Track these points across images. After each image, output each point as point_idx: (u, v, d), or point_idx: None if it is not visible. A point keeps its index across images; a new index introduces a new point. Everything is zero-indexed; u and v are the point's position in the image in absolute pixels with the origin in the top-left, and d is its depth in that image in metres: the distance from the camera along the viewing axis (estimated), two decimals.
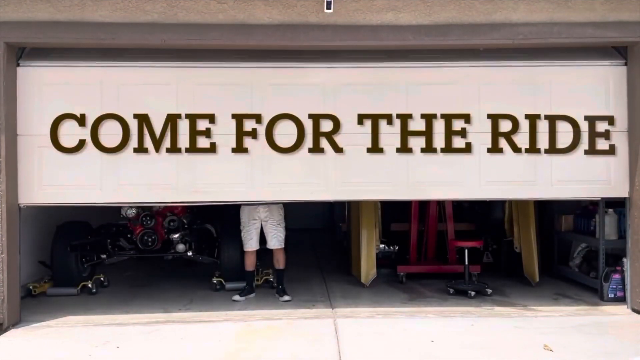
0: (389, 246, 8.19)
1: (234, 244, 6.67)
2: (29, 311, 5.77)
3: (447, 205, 7.43)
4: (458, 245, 6.93)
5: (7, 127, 5.28)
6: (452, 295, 6.52)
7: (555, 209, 7.59)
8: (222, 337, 4.99)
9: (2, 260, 5.21)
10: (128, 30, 5.35)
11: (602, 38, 5.60)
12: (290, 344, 4.79)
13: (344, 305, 6.07)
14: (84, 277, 6.77)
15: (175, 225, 6.75)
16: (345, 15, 5.39)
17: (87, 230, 6.98)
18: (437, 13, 5.43)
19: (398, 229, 7.89)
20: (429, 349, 4.66)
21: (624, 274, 5.99)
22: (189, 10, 5.32)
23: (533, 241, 6.88)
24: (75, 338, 5.02)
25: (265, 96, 5.66)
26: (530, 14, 5.47)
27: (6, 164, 5.26)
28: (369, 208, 7.03)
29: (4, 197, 5.22)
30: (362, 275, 6.90)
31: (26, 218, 6.07)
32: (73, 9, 5.26)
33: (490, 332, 5.13)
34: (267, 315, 5.70)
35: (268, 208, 6.40)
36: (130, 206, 6.83)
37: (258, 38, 5.44)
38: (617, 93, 5.76)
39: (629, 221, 5.83)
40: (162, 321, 5.53)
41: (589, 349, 4.63)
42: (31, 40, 5.42)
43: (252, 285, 6.56)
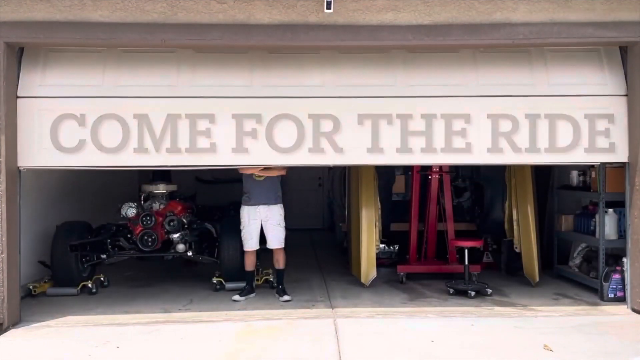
0: (389, 246, 8.20)
1: (234, 244, 6.66)
2: (29, 311, 5.77)
3: (447, 205, 7.44)
4: (458, 245, 6.93)
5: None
6: (452, 295, 6.52)
7: (555, 209, 7.60)
8: (222, 337, 4.99)
9: (2, 260, 5.21)
10: (128, 30, 5.35)
11: (602, 38, 5.59)
12: (290, 344, 4.79)
13: (344, 305, 6.07)
14: (84, 277, 6.76)
15: (175, 225, 6.75)
16: (345, 15, 5.39)
17: (87, 230, 6.98)
18: (437, 13, 5.43)
19: (398, 228, 7.89)
20: (429, 349, 4.66)
21: (624, 274, 5.99)
22: (189, 10, 5.31)
23: (533, 241, 6.88)
24: (75, 338, 5.02)
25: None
26: (530, 14, 5.47)
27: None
28: (368, 185, 7.01)
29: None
30: (362, 275, 6.90)
31: (26, 218, 6.08)
32: (73, 8, 5.26)
33: (490, 332, 5.13)
34: (267, 315, 5.70)
35: (268, 208, 6.40)
36: (130, 206, 6.84)
37: (258, 38, 5.44)
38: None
39: (629, 221, 5.83)
40: (162, 321, 5.53)
41: (589, 349, 4.63)
42: (31, 40, 5.41)
43: (252, 285, 6.56)
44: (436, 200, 7.40)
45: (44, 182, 7.33)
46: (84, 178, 8.57)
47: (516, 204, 7.14)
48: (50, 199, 7.50)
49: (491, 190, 7.62)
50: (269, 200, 6.41)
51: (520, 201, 7.02)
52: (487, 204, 7.68)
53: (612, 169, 6.30)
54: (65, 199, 7.94)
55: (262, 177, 6.39)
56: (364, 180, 7.01)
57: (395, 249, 8.27)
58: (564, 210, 7.46)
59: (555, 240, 7.52)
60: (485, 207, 7.72)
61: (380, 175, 7.26)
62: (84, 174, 8.41)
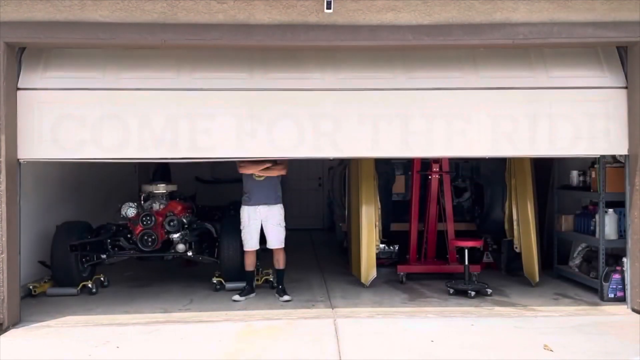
0: (389, 246, 8.20)
1: (234, 244, 6.66)
2: (29, 311, 5.76)
3: (447, 204, 7.44)
4: (458, 245, 6.93)
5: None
6: (452, 295, 6.52)
7: (555, 209, 7.60)
8: (222, 337, 4.99)
9: (2, 260, 5.21)
10: (128, 30, 5.35)
11: (602, 38, 5.59)
12: (290, 344, 4.79)
13: (344, 305, 6.07)
14: (84, 277, 6.76)
15: (175, 225, 6.75)
16: (345, 15, 5.39)
17: (87, 230, 6.98)
18: (437, 13, 5.43)
19: (398, 228, 7.89)
20: (429, 349, 4.66)
21: (624, 274, 5.99)
22: (189, 10, 5.31)
23: (533, 241, 6.88)
24: (75, 338, 5.02)
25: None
26: (530, 14, 5.47)
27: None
28: (368, 185, 7.01)
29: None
30: (362, 275, 6.90)
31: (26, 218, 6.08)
32: (73, 8, 5.26)
33: (490, 332, 5.13)
34: (267, 315, 5.70)
35: (268, 208, 6.40)
36: (130, 206, 6.84)
37: (258, 38, 5.43)
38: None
39: (629, 221, 5.83)
40: (162, 321, 5.53)
41: (589, 349, 4.63)
42: (31, 40, 5.41)
43: (252, 285, 6.56)
44: (436, 200, 7.40)
45: (44, 183, 7.34)
46: (84, 178, 8.57)
47: (516, 204, 7.13)
48: (50, 199, 7.50)
49: (491, 190, 7.62)
50: (269, 200, 6.41)
51: (520, 201, 7.02)
52: (487, 204, 7.67)
53: (612, 169, 6.30)
54: (65, 199, 7.94)
55: (262, 177, 6.38)
56: (364, 180, 7.01)
57: (395, 249, 8.27)
58: (564, 210, 7.46)
59: (555, 240, 7.52)
60: (485, 207, 7.71)
61: (380, 175, 7.26)
62: (84, 174, 8.42)
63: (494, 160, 7.67)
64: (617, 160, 6.19)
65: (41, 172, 7.21)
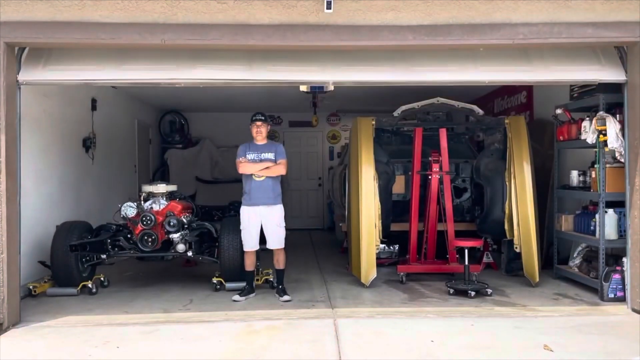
0: (389, 246, 8.20)
1: (234, 244, 6.66)
2: (29, 311, 5.77)
3: (447, 205, 7.43)
4: (458, 245, 6.93)
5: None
6: (452, 295, 6.52)
7: (555, 209, 7.60)
8: (222, 337, 4.99)
9: (2, 260, 5.21)
10: (128, 30, 5.35)
11: (602, 38, 5.59)
12: (290, 344, 4.79)
13: (344, 305, 6.07)
14: (84, 277, 6.76)
15: (175, 225, 6.74)
16: (345, 15, 5.39)
17: (87, 230, 6.98)
18: (437, 13, 5.43)
19: (398, 228, 7.88)
20: (429, 349, 4.66)
21: (624, 274, 5.99)
22: (189, 10, 5.31)
23: (533, 241, 6.88)
24: (75, 338, 5.02)
25: None
26: (530, 14, 5.47)
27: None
28: (368, 185, 7.02)
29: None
30: (362, 275, 6.90)
31: (26, 218, 6.08)
32: (73, 8, 5.26)
33: (490, 332, 5.13)
34: (267, 315, 5.70)
35: (268, 208, 6.40)
36: (130, 206, 6.83)
37: (258, 38, 5.44)
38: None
39: (629, 221, 5.83)
40: (162, 321, 5.53)
41: (589, 349, 4.63)
42: (31, 40, 5.41)
43: (252, 285, 6.57)
44: (436, 200, 7.40)
45: (44, 183, 7.34)
46: (84, 177, 8.58)
47: (516, 204, 7.14)
48: (50, 199, 7.50)
49: (491, 190, 7.62)
50: (268, 201, 6.41)
51: (520, 201, 7.02)
52: (487, 204, 7.67)
53: (612, 169, 6.30)
54: (65, 199, 7.94)
55: (262, 177, 6.39)
56: (364, 180, 7.02)
57: (395, 249, 8.27)
58: (564, 210, 7.46)
59: (555, 240, 7.52)
60: (485, 207, 7.71)
61: (380, 175, 7.26)
62: (84, 173, 8.41)
63: (494, 160, 7.67)
64: (617, 160, 6.19)
65: (41, 172, 7.22)
